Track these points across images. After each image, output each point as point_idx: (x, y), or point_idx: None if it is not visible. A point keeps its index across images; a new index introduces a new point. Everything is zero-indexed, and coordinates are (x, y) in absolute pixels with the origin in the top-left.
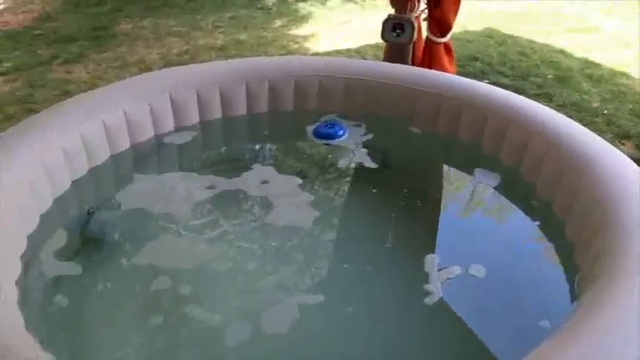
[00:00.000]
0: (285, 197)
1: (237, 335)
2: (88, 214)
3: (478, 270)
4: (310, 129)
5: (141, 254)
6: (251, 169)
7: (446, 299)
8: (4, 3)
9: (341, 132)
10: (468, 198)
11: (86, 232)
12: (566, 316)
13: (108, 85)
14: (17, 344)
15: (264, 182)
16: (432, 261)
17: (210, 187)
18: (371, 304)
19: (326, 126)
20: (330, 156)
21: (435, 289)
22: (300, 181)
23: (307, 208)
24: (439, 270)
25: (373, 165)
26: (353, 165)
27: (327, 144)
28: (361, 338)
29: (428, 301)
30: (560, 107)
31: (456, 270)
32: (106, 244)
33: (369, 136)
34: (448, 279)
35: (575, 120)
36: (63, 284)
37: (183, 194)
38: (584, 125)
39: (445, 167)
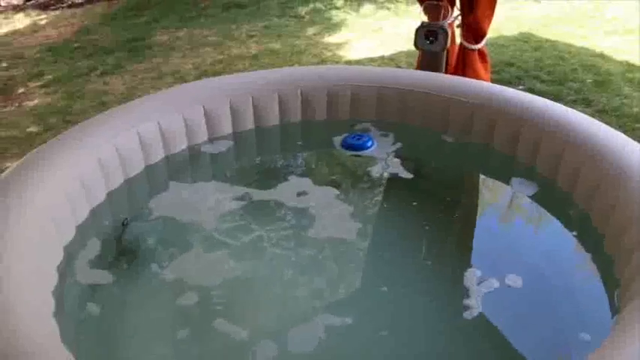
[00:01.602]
0: (321, 209)
1: (267, 351)
2: (123, 224)
3: (515, 281)
4: (338, 140)
5: (175, 265)
6: (285, 179)
7: (484, 312)
8: (46, 18)
9: (369, 143)
10: (504, 208)
11: (121, 243)
12: (606, 330)
13: (142, 96)
14: (52, 356)
15: (301, 193)
16: (470, 273)
17: (244, 199)
18: (407, 318)
19: (354, 137)
20: (363, 166)
21: (474, 302)
22: (335, 192)
23: (344, 220)
24: (478, 283)
25: (408, 175)
26: (387, 175)
27: (357, 155)
28: (395, 355)
29: (467, 315)
30: (599, 113)
31: (494, 282)
32: (141, 254)
33: (400, 146)
34: (486, 292)
35: (615, 126)
36: (97, 295)
37: (217, 205)
38: (625, 132)
39: (480, 177)
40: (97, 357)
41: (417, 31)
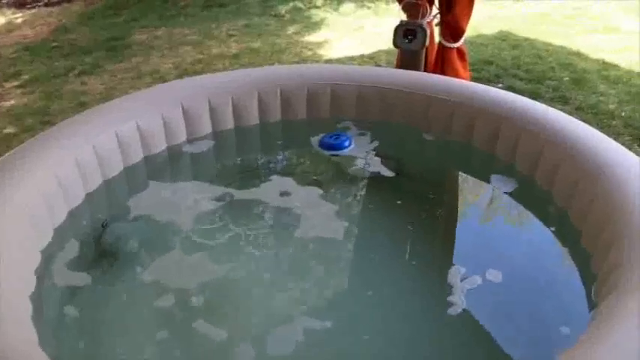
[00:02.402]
0: (304, 208)
1: (247, 353)
2: (103, 226)
3: (495, 276)
4: (315, 140)
5: (155, 266)
6: (266, 179)
7: (468, 308)
8: (22, 17)
9: (347, 142)
10: (485, 205)
11: (100, 245)
12: (584, 325)
13: (121, 96)
14: None
15: (284, 193)
16: (452, 270)
17: (225, 199)
18: (391, 313)
19: (332, 137)
20: (344, 165)
21: (457, 298)
22: (318, 191)
23: (327, 219)
24: (461, 280)
25: (389, 174)
26: (368, 174)
27: (335, 155)
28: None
29: (451, 311)
30: (576, 110)
31: (476, 278)
32: (121, 256)
33: (379, 145)
34: (469, 288)
35: (591, 123)
36: (77, 298)
37: (197, 205)
38: (601, 128)
39: (460, 174)
40: (76, 359)
41: (396, 29)
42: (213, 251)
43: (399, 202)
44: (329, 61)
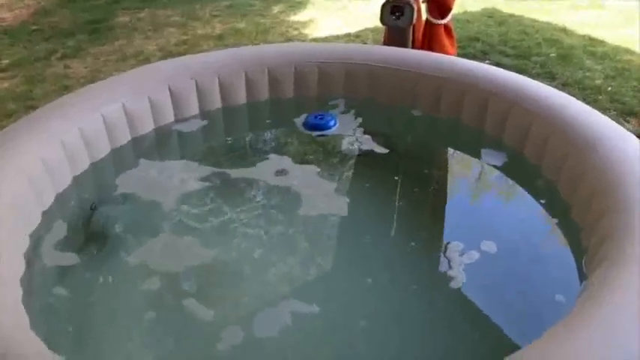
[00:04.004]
0: (301, 187)
1: (238, 332)
2: (91, 209)
3: (486, 250)
4: (299, 121)
5: (145, 248)
6: (257, 158)
7: (462, 282)
8: None
9: (332, 122)
10: (476, 180)
11: (89, 228)
12: (574, 297)
13: (106, 78)
14: (22, 343)
15: (279, 172)
16: (449, 245)
17: (213, 179)
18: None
19: (316, 117)
20: (333, 144)
21: (454, 272)
22: (313, 170)
23: (325, 198)
24: (460, 254)
25: (382, 150)
26: (361, 152)
27: (321, 135)
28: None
29: (446, 284)
30: (563, 86)
31: (469, 250)
32: (110, 238)
33: (364, 123)
34: (462, 262)
35: (578, 98)
36: (67, 280)
37: (186, 187)
38: (588, 103)
39: (451, 149)
40: (67, 341)
41: (383, 6)
42: (205, 233)
43: (389, 177)
44: (315, 41)
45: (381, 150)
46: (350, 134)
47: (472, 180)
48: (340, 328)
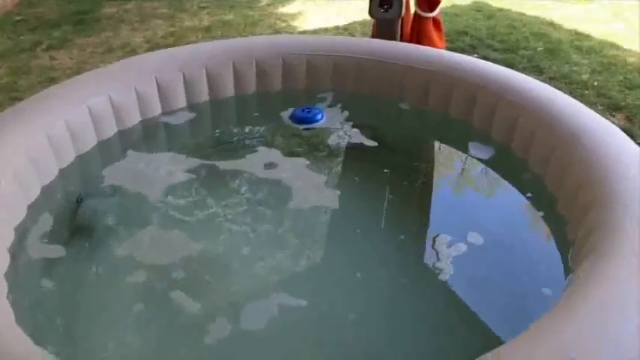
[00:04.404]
0: (291, 180)
1: (226, 325)
2: (77, 202)
3: (473, 242)
4: (286, 114)
5: (132, 241)
6: (246, 151)
7: (447, 271)
8: None
9: (319, 116)
10: (463, 173)
11: (75, 221)
12: (560, 290)
13: (92, 70)
14: (8, 340)
15: (268, 165)
16: (434, 237)
17: (202, 172)
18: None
19: (303, 110)
20: (322, 138)
21: (436, 262)
22: (303, 163)
23: (315, 191)
24: (445, 246)
25: (371, 143)
26: (350, 145)
27: (308, 128)
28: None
29: (431, 274)
30: (550, 80)
31: (456, 244)
32: (97, 231)
33: (352, 116)
34: (448, 255)
35: (565, 92)
36: (53, 274)
37: (173, 179)
38: (575, 97)
39: (438, 143)
40: (54, 336)
41: None
42: (193, 225)
43: (385, 171)
44: (303, 33)
45: (369, 143)
46: (338, 127)
47: (460, 173)
48: (328, 321)
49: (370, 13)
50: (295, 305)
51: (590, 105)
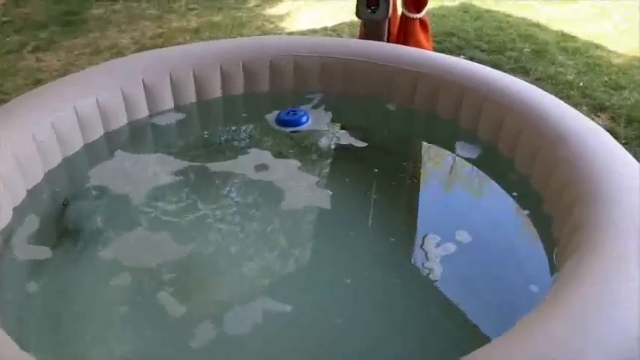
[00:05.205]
0: (282, 182)
1: (213, 327)
2: (64, 204)
3: (459, 242)
4: (271, 117)
5: (119, 243)
6: (234, 152)
7: (436, 270)
8: None
9: (305, 118)
10: (450, 172)
11: (62, 224)
12: (546, 288)
13: (79, 71)
14: None
15: (259, 167)
16: (422, 237)
17: (188, 174)
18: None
19: (288, 113)
20: (310, 139)
21: (425, 261)
22: (292, 165)
23: (305, 191)
24: (434, 246)
25: (360, 144)
26: (338, 146)
27: (294, 131)
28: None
29: (421, 274)
30: (536, 81)
31: (445, 243)
32: (84, 234)
33: (338, 118)
34: (443, 255)
35: (551, 93)
36: (39, 278)
37: (160, 180)
38: (561, 98)
39: (425, 143)
40: (39, 339)
41: (359, 0)
42: (182, 227)
43: (375, 171)
44: (291, 34)
45: (358, 144)
46: (326, 129)
47: (448, 173)
48: (317, 323)
49: (357, 14)
50: (285, 305)
51: (576, 105)
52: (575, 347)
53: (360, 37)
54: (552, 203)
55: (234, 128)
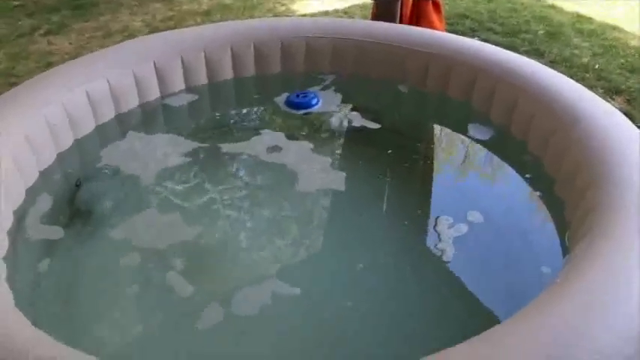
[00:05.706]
0: (295, 164)
1: (222, 309)
2: (77, 185)
3: (471, 224)
4: (281, 100)
5: (131, 225)
6: (245, 134)
7: (448, 252)
8: None
9: (315, 101)
10: (463, 155)
11: (74, 205)
12: (559, 269)
13: (90, 53)
14: (7, 322)
15: (271, 148)
16: (435, 218)
17: (198, 154)
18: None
19: (298, 95)
20: (322, 121)
21: (438, 243)
22: (305, 147)
23: (320, 173)
24: (446, 227)
25: (373, 125)
26: (351, 128)
27: (306, 113)
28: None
29: (434, 255)
30: (551, 63)
31: (457, 224)
32: (95, 215)
33: (350, 99)
34: (449, 236)
35: (566, 75)
36: (52, 258)
37: (171, 162)
38: (576, 81)
39: (437, 125)
40: (52, 318)
41: None
42: (193, 209)
43: (389, 152)
44: (302, 16)
45: (371, 125)
46: (337, 111)
47: (460, 155)
48: (327, 305)
49: None
50: (294, 289)
51: (591, 88)
52: (585, 329)
53: (372, 19)
54: (565, 185)
55: (245, 110)
